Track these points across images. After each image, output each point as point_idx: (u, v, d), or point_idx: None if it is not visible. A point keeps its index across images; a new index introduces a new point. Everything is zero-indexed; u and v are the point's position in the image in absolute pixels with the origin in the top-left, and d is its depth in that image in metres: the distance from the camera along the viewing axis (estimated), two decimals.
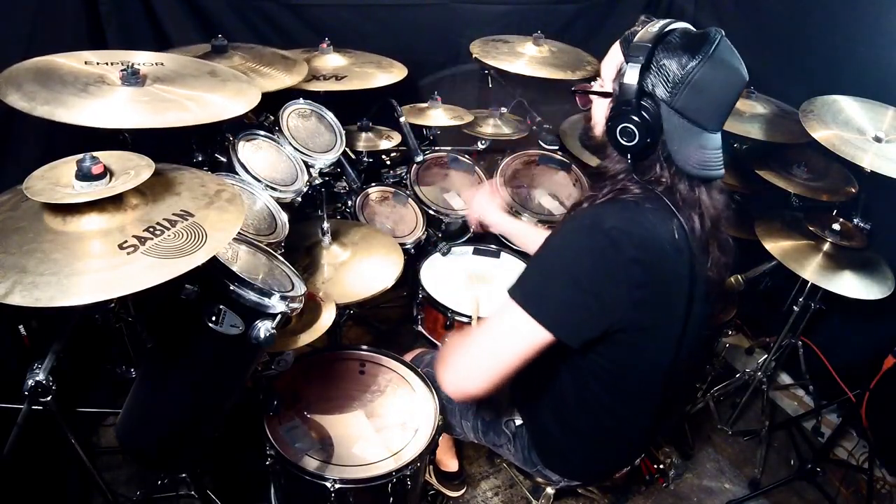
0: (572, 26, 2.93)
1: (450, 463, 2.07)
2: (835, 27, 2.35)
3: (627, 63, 1.11)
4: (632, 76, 1.10)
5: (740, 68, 1.12)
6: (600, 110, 1.23)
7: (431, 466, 1.98)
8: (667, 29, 1.12)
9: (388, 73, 2.19)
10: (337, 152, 1.98)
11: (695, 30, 1.14)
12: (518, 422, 1.52)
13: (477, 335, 1.22)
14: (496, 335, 1.18)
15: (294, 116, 1.95)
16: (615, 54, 1.19)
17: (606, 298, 1.10)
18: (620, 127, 1.13)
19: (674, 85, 1.08)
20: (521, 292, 1.14)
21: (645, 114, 1.10)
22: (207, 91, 1.44)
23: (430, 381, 1.69)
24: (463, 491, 2.11)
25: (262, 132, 1.85)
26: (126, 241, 1.04)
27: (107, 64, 1.42)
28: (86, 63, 1.41)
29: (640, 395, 1.31)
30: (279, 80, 1.83)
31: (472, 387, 1.20)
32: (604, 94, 1.21)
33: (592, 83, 1.28)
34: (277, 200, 1.76)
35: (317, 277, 1.93)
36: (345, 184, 2.26)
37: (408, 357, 1.82)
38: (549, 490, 1.76)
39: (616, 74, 1.16)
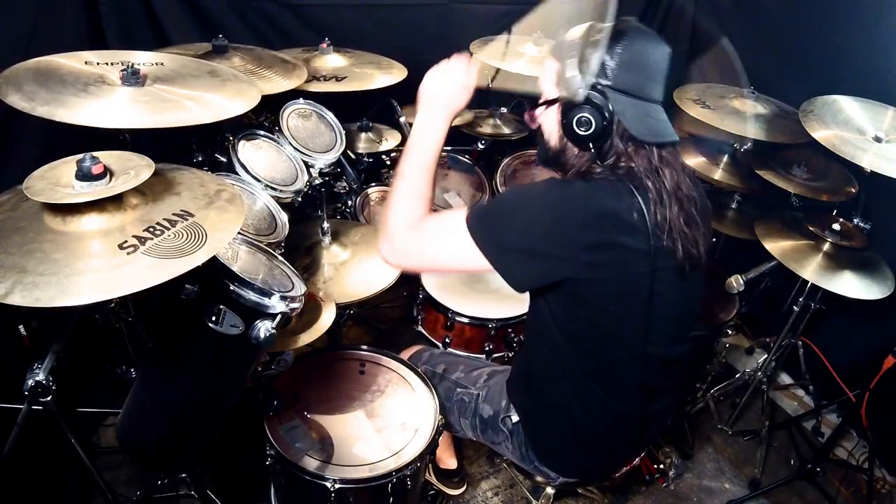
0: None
1: (449, 461, 2.07)
2: (835, 27, 2.35)
3: (565, 62, 1.20)
4: (572, 70, 1.20)
5: (661, 42, 1.23)
6: (551, 119, 1.31)
7: (431, 465, 1.98)
8: (589, 27, 1.23)
9: (388, 74, 2.19)
10: (337, 152, 1.98)
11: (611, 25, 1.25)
12: (515, 418, 1.53)
13: (429, 226, 1.31)
14: (441, 240, 1.29)
15: (294, 116, 1.95)
16: (550, 65, 1.28)
17: (554, 256, 1.18)
18: (577, 118, 1.21)
19: (610, 70, 1.19)
20: (476, 222, 1.21)
21: (594, 100, 1.19)
22: (207, 91, 1.44)
23: (430, 380, 1.70)
24: (463, 489, 2.11)
25: (262, 132, 1.85)
26: (126, 241, 1.04)
27: (107, 64, 1.42)
28: (86, 63, 1.40)
29: (620, 380, 1.34)
30: (278, 83, 1.83)
31: (406, 265, 1.48)
32: (552, 101, 1.29)
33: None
34: (277, 200, 1.76)
35: (317, 277, 1.93)
36: (345, 184, 2.26)
37: (404, 354, 1.82)
38: (549, 490, 1.76)
39: (558, 80, 1.25)
